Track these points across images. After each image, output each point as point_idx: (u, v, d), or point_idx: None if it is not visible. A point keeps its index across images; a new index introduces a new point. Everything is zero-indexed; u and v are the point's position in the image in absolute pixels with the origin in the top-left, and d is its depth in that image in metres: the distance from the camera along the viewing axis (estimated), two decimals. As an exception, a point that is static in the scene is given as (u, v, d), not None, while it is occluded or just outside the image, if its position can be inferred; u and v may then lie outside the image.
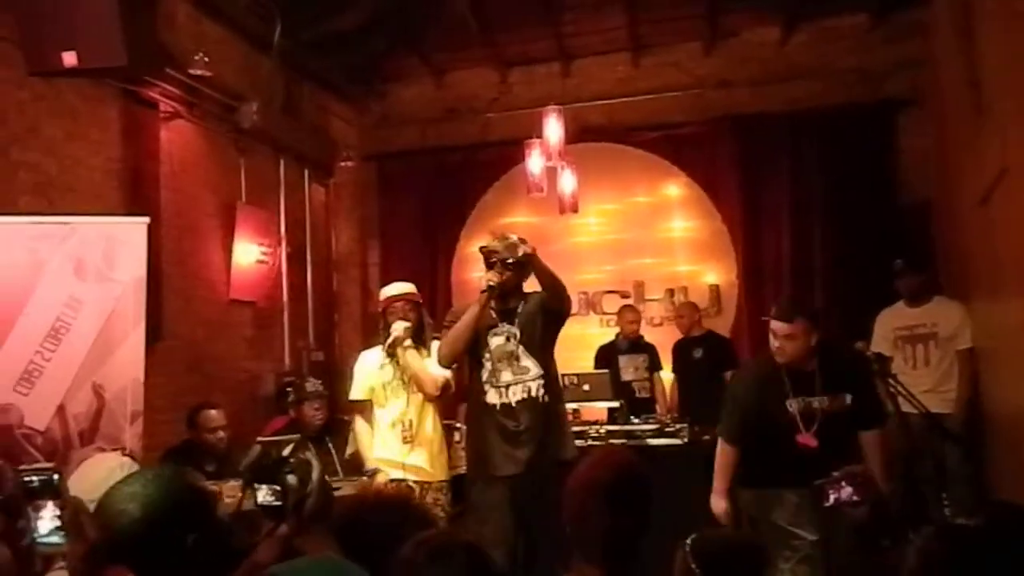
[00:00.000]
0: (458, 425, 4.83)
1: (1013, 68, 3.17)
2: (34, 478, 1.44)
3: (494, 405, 3.25)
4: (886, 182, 6.04)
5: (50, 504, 1.42)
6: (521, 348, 3.26)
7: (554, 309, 3.31)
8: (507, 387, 3.24)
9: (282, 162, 6.19)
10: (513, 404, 3.22)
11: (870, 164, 6.08)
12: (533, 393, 3.23)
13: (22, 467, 1.90)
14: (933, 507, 3.50)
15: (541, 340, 3.30)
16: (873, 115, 6.12)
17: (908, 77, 5.87)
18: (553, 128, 5.14)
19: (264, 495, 1.96)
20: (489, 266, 3.26)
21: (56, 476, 1.45)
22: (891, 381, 3.42)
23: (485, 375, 3.28)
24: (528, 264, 3.24)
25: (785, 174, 6.35)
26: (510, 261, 3.21)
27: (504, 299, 3.31)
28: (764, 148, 6.43)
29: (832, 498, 2.56)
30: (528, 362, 3.26)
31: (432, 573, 1.29)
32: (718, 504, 3.21)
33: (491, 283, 3.22)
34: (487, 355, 3.29)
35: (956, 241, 5.00)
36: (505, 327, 3.31)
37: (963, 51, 3.98)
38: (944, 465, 3.88)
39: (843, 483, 2.60)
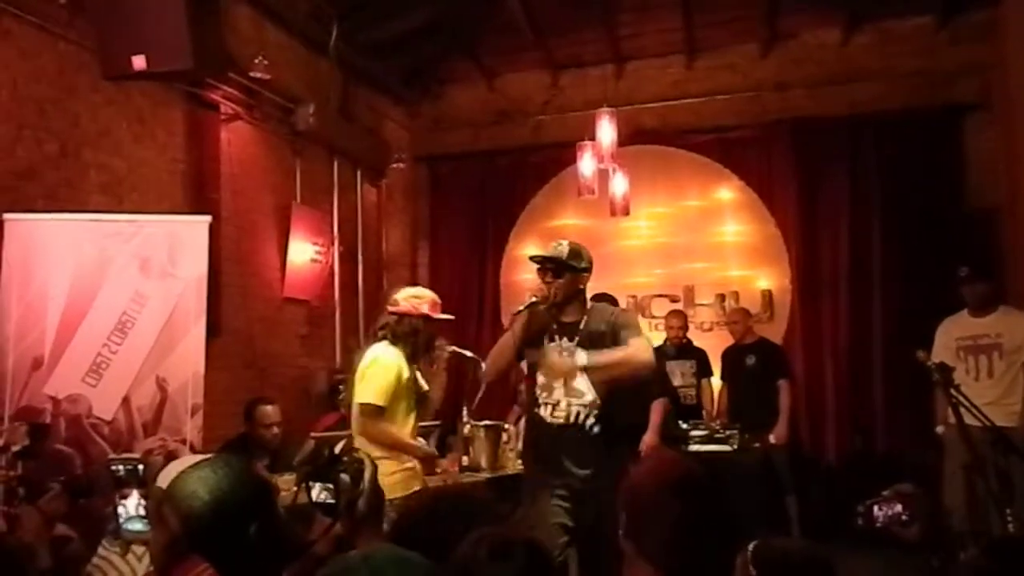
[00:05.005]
0: (506, 426, 4.85)
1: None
2: (120, 467, 1.51)
3: (544, 419, 3.10)
4: (951, 188, 5.88)
5: (135, 492, 1.49)
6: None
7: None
8: (555, 405, 3.08)
9: (336, 163, 6.30)
10: (557, 424, 3.06)
11: (934, 169, 5.92)
12: (580, 420, 3.04)
13: (111, 456, 1.99)
14: (996, 524, 3.38)
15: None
16: (938, 119, 5.96)
17: (975, 80, 5.69)
18: (605, 130, 5.13)
19: (318, 493, 2.00)
20: (541, 275, 3.09)
21: (141, 466, 1.51)
22: (953, 392, 3.33)
23: (538, 389, 3.13)
24: (581, 271, 3.10)
25: (843, 179, 6.21)
26: (562, 268, 3.05)
27: (561, 311, 3.10)
28: (822, 152, 6.30)
29: (881, 517, 2.48)
30: (583, 386, 3.05)
31: (491, 570, 1.28)
32: None
33: (534, 297, 3.03)
34: (544, 368, 3.11)
35: (1024, 248, 4.83)
36: (563, 343, 3.08)
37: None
38: (1009, 480, 3.74)
39: (892, 501, 2.51)
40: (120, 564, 2.10)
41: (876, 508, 2.38)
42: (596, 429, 3.04)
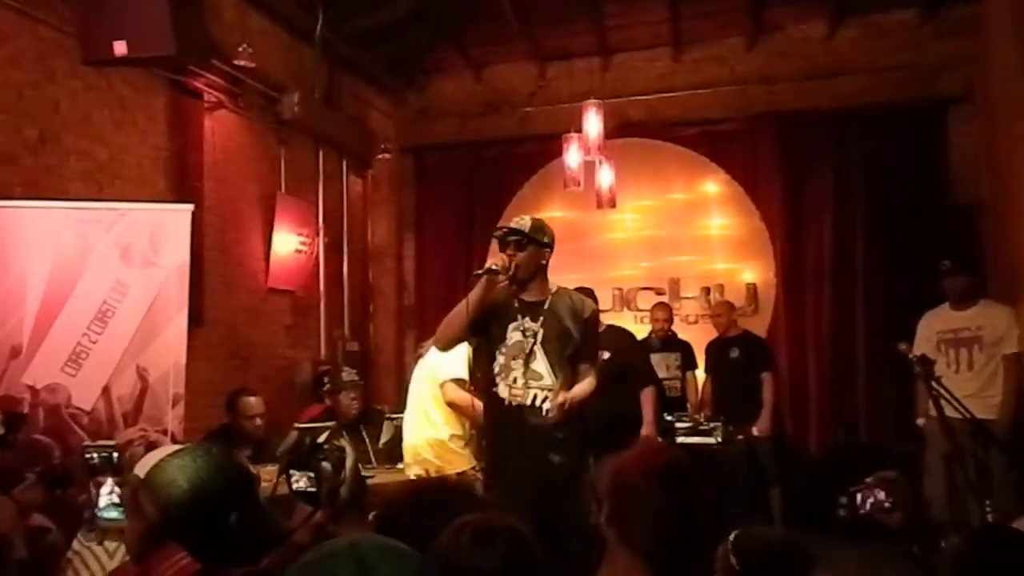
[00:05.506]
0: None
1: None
2: (95, 455, 1.49)
3: (503, 399, 3.04)
4: (935, 182, 5.92)
5: (110, 480, 1.47)
6: (539, 349, 3.01)
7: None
8: (512, 386, 3.02)
9: (321, 153, 6.26)
10: (516, 405, 3.01)
11: (918, 163, 5.96)
12: (538, 403, 3.00)
13: (85, 444, 1.96)
14: (975, 514, 3.42)
15: (562, 350, 3.04)
16: (922, 113, 6.00)
17: (959, 74, 5.72)
18: (592, 122, 5.11)
19: (298, 481, 1.98)
20: (502, 249, 3.05)
21: (116, 454, 1.49)
22: (934, 384, 3.36)
23: (497, 367, 3.06)
24: (544, 246, 3.06)
25: (828, 172, 6.24)
26: (524, 241, 2.99)
27: (523, 286, 3.06)
28: (807, 145, 6.33)
29: (868, 504, 2.50)
30: (542, 368, 3.01)
31: (474, 557, 1.27)
32: None
33: (494, 265, 2.98)
34: (503, 348, 3.06)
35: (1006, 243, 4.87)
36: (527, 322, 3.04)
37: (1018, 46, 3.87)
38: (988, 471, 3.78)
39: (877, 488, 2.53)
40: (90, 560, 2.07)
41: (860, 495, 2.40)
42: (551, 413, 2.97)
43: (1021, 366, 4.26)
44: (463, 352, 3.42)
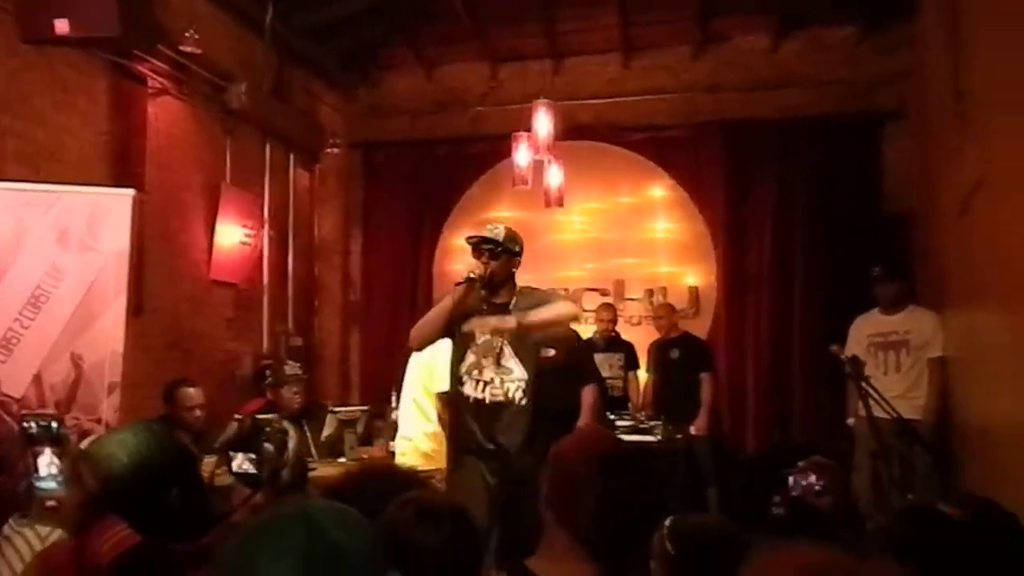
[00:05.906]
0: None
1: (995, 78, 3.24)
2: (33, 424, 1.46)
3: (469, 397, 3.15)
4: (870, 192, 6.13)
5: (48, 450, 1.45)
6: (507, 347, 3.14)
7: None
8: (486, 384, 3.14)
9: (268, 145, 6.17)
10: (487, 402, 3.13)
11: (855, 174, 6.16)
12: (511, 395, 3.13)
13: (24, 412, 1.90)
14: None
15: (530, 344, 3.20)
16: (860, 126, 6.20)
17: (896, 89, 5.95)
18: (542, 121, 5.16)
19: (240, 463, 1.96)
20: (476, 256, 3.18)
21: (55, 424, 1.47)
22: (864, 384, 3.50)
23: (466, 366, 3.17)
24: (516, 255, 3.21)
25: (770, 180, 6.41)
26: (499, 249, 3.14)
27: (494, 291, 3.19)
28: (750, 154, 6.49)
29: (800, 486, 2.59)
30: (512, 363, 3.15)
31: (418, 531, 1.29)
32: None
33: (472, 274, 3.11)
34: (473, 347, 3.17)
35: (934, 251, 5.08)
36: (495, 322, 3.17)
37: (950, 62, 4.05)
38: (912, 468, 3.95)
39: (808, 471, 2.63)
40: (19, 543, 2.02)
41: (792, 478, 2.49)
42: (524, 402, 3.15)
43: (945, 369, 4.47)
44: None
